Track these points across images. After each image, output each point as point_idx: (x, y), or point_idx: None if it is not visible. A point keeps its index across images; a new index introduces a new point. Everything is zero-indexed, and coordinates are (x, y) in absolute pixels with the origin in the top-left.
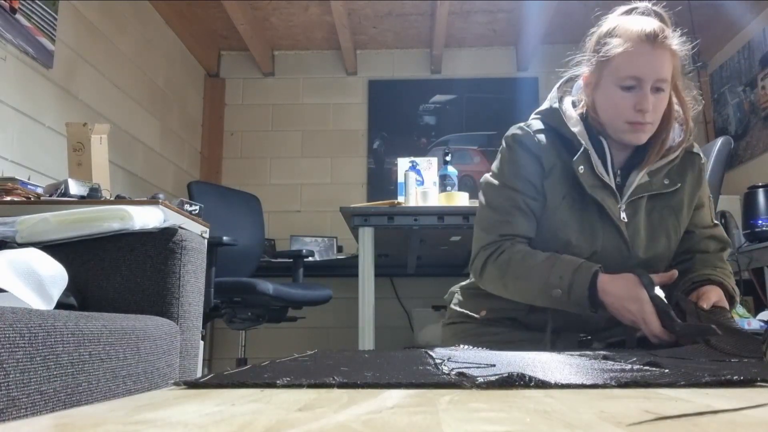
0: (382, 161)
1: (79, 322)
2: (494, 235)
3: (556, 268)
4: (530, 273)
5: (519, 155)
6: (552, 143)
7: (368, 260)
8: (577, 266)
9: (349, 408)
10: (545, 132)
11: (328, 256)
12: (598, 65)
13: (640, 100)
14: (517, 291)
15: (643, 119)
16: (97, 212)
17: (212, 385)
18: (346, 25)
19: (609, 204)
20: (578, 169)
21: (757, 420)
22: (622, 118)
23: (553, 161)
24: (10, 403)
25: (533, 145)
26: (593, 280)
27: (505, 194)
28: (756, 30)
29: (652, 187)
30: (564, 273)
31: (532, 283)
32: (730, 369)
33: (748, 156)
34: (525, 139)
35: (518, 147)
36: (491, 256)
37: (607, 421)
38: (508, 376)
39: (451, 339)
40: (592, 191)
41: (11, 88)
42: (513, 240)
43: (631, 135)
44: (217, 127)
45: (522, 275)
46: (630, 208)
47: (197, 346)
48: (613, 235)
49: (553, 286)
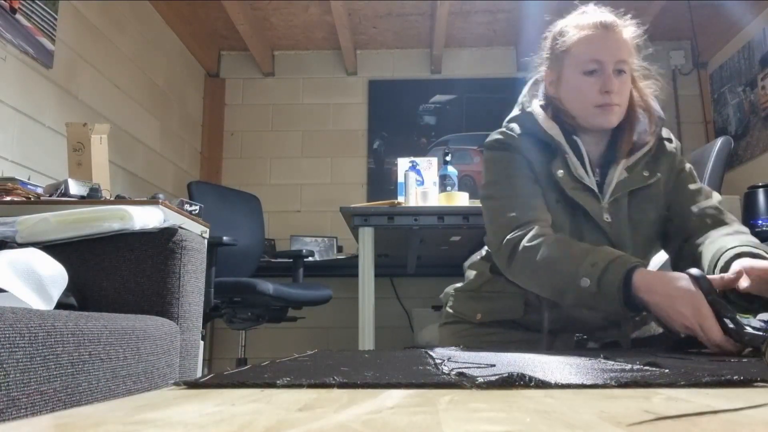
0: (382, 161)
1: (79, 322)
2: (519, 220)
3: (591, 255)
4: (563, 258)
5: (510, 158)
6: (534, 147)
7: (368, 260)
8: (616, 256)
9: (349, 408)
10: (525, 136)
11: (328, 256)
12: (557, 59)
13: (605, 82)
14: (547, 278)
15: (611, 100)
16: (97, 212)
17: (212, 385)
18: (346, 25)
19: (592, 206)
20: (557, 173)
21: (757, 420)
22: (590, 103)
23: (539, 165)
24: (10, 403)
25: (521, 148)
26: (629, 274)
27: (512, 185)
28: (756, 30)
29: (632, 183)
30: (598, 260)
31: (563, 268)
32: (730, 369)
33: (748, 156)
34: (512, 142)
35: (507, 151)
36: (521, 241)
37: (607, 421)
38: (508, 376)
39: (449, 339)
40: (573, 194)
41: (11, 88)
42: (540, 224)
43: (602, 118)
44: (217, 127)
45: (555, 259)
46: (613, 207)
47: (197, 346)
48: (598, 236)
49: (584, 274)
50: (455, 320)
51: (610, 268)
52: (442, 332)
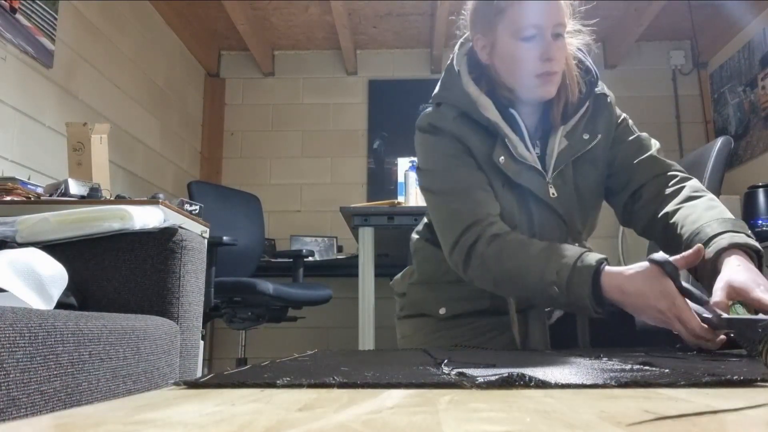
0: (382, 161)
1: (79, 322)
2: (463, 218)
3: (552, 261)
4: (525, 268)
5: (447, 145)
6: (472, 132)
7: (368, 260)
8: (576, 257)
9: (349, 408)
10: (461, 119)
11: (328, 256)
12: (489, 23)
13: (546, 49)
14: (511, 288)
15: (551, 68)
16: (97, 212)
17: (212, 385)
18: (346, 25)
19: (537, 185)
20: (498, 161)
21: (757, 420)
22: (529, 73)
23: (479, 149)
24: (10, 403)
25: (457, 133)
26: (596, 277)
27: (452, 177)
28: (756, 30)
29: (574, 150)
30: (561, 267)
31: (527, 279)
32: (730, 369)
33: (748, 156)
34: (447, 126)
35: (443, 136)
36: (474, 246)
37: (607, 421)
38: (508, 376)
39: (414, 337)
40: (517, 177)
41: (11, 88)
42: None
43: (542, 89)
44: (217, 127)
45: (516, 272)
46: (558, 179)
47: (197, 346)
48: (548, 214)
49: (550, 283)
50: (415, 313)
51: (575, 276)
52: (403, 327)
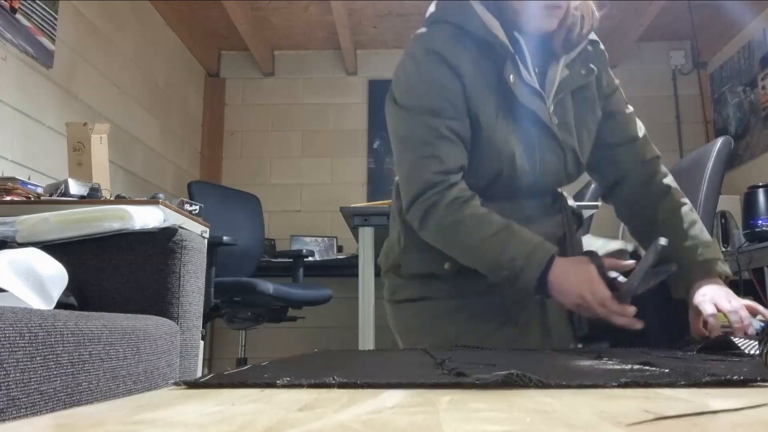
0: (382, 161)
1: (79, 322)
2: (424, 177)
3: (509, 247)
4: (480, 246)
5: (432, 69)
6: (468, 50)
7: (368, 260)
8: (531, 249)
9: (349, 408)
10: (457, 37)
11: (328, 256)
12: None
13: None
14: (464, 257)
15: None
16: (97, 212)
17: (212, 385)
18: (346, 25)
19: (539, 109)
20: (509, 79)
21: (757, 420)
22: (540, 4)
23: (473, 72)
24: (10, 403)
25: (449, 54)
26: (544, 271)
27: (421, 122)
28: (756, 30)
29: (573, 81)
30: (516, 255)
31: (480, 259)
32: (730, 369)
33: (748, 156)
34: (438, 47)
35: (430, 58)
36: (432, 209)
37: (607, 421)
38: (508, 376)
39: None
40: (523, 98)
41: (11, 88)
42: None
43: (547, 21)
44: (217, 127)
45: (471, 246)
46: (558, 107)
47: (197, 346)
48: (548, 140)
49: (503, 267)
50: (414, 294)
51: (525, 267)
52: (398, 311)
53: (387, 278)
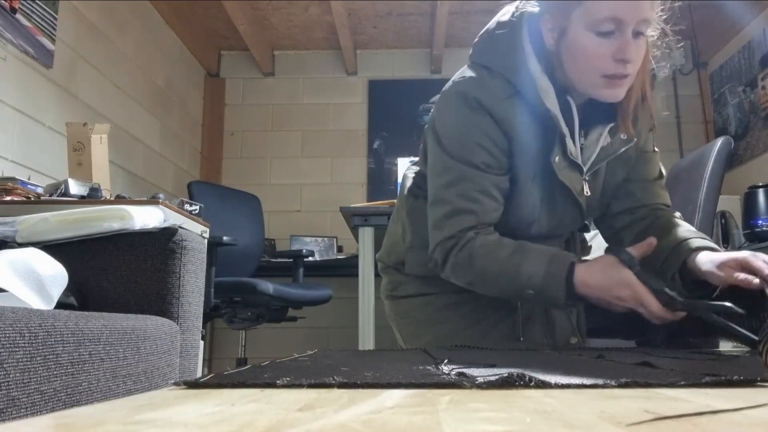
0: (382, 161)
1: (79, 322)
2: (454, 227)
3: (524, 267)
4: (497, 274)
5: (482, 125)
6: (519, 114)
7: (368, 260)
8: (549, 259)
9: (349, 408)
10: (510, 99)
11: (328, 256)
12: (564, 7)
13: (622, 48)
14: (487, 290)
15: (624, 71)
16: (97, 212)
17: (212, 385)
18: (346, 25)
19: (574, 182)
20: (554, 161)
21: (757, 420)
22: (597, 72)
23: (520, 137)
24: (10, 403)
25: (502, 115)
26: (569, 277)
27: (466, 174)
28: (756, 30)
29: (612, 148)
30: (534, 271)
31: (501, 283)
32: (730, 369)
33: (748, 156)
34: (491, 105)
35: (482, 114)
36: (452, 251)
37: (607, 421)
38: (508, 376)
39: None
40: (562, 175)
41: (11, 88)
42: (475, 231)
43: (608, 91)
44: (217, 127)
45: (488, 276)
46: (592, 179)
47: (197, 346)
48: (572, 209)
49: (524, 287)
50: (417, 290)
51: (547, 279)
52: (397, 306)
53: (387, 274)
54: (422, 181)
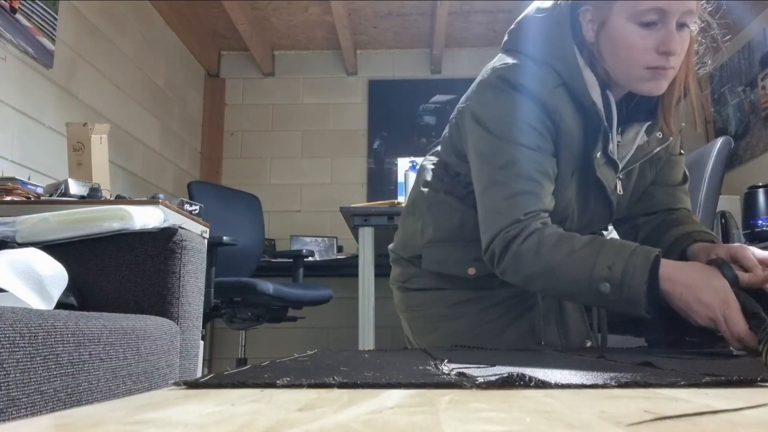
0: (382, 161)
1: (79, 322)
2: (516, 211)
3: (602, 255)
4: (567, 263)
5: (529, 104)
6: (567, 107)
7: (368, 260)
8: (632, 251)
9: (349, 408)
10: (560, 88)
11: (328, 256)
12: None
13: (665, 40)
14: (549, 286)
15: (667, 63)
16: (97, 212)
17: (212, 385)
18: (346, 25)
19: (609, 180)
20: (595, 156)
21: (757, 420)
22: (641, 64)
23: (568, 127)
24: (10, 403)
25: (552, 105)
26: (654, 269)
27: (518, 153)
28: (756, 30)
29: (649, 148)
30: (615, 261)
31: (570, 276)
32: (730, 369)
33: (748, 156)
34: (542, 95)
35: (533, 102)
36: (515, 240)
37: (607, 421)
38: (508, 376)
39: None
40: (600, 172)
41: (11, 88)
42: (539, 217)
43: (650, 84)
44: (217, 127)
45: (556, 266)
46: (626, 178)
47: (197, 346)
48: (603, 208)
49: (600, 279)
50: (431, 284)
51: (629, 270)
52: (409, 301)
53: (400, 265)
54: (444, 173)
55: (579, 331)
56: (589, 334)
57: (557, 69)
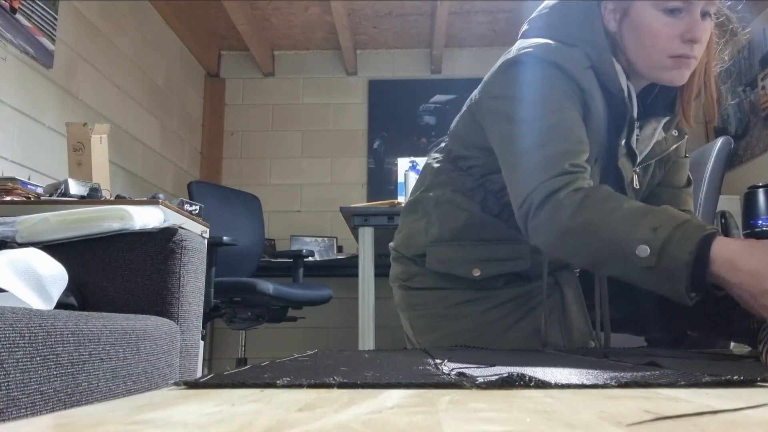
0: (382, 161)
1: (79, 322)
2: (564, 163)
3: (651, 216)
4: (611, 220)
5: (564, 81)
6: (597, 90)
7: (368, 260)
8: (686, 219)
9: (349, 408)
10: (590, 70)
11: (328, 256)
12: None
13: (691, 27)
14: (581, 246)
15: (691, 52)
16: (97, 212)
17: (212, 385)
18: (346, 25)
19: (627, 171)
20: (620, 143)
21: (757, 420)
22: (664, 52)
23: (597, 111)
24: (10, 403)
25: (582, 80)
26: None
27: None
28: (756, 30)
29: (666, 144)
30: (662, 223)
31: (610, 234)
32: (730, 369)
33: (748, 156)
34: (576, 73)
35: (563, 74)
36: (559, 190)
37: (607, 421)
38: (508, 376)
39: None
40: (620, 160)
41: (11, 88)
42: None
43: (673, 72)
44: (217, 127)
45: (599, 222)
46: (641, 173)
47: (197, 346)
48: None
49: (640, 240)
50: (434, 284)
51: (676, 235)
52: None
53: (401, 264)
54: (453, 168)
55: (582, 332)
56: (592, 334)
57: (587, 52)
